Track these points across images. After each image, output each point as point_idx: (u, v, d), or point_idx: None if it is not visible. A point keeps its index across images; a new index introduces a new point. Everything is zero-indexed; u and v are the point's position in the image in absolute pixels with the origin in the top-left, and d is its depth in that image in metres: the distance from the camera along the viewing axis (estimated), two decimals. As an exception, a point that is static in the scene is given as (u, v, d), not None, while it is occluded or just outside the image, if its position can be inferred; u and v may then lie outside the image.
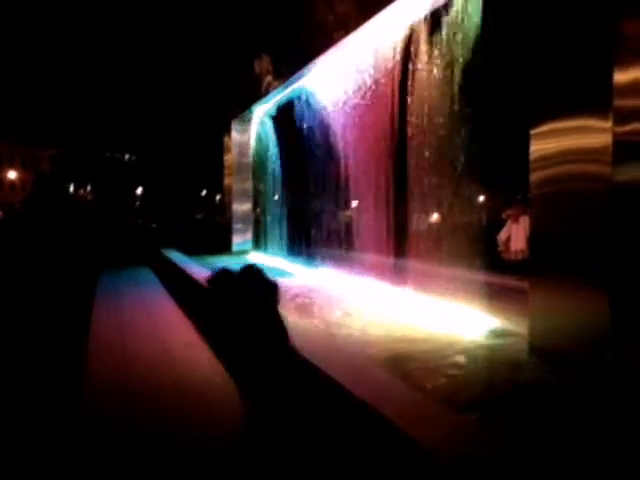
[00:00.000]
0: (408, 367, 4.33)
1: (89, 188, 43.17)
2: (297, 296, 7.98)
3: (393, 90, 8.02)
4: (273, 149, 14.99)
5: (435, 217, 7.63)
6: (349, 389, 3.21)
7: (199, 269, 9.44)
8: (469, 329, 5.61)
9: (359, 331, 5.90)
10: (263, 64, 12.78)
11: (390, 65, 8.06)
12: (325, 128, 10.49)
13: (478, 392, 3.83)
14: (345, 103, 9.47)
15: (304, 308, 7.22)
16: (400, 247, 8.22)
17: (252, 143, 15.77)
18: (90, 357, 6.09)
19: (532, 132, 4.55)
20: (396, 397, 3.18)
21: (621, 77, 3.86)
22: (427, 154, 7.24)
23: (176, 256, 13.28)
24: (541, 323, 4.59)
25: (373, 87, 8.54)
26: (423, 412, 2.93)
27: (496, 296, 6.49)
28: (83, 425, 4.34)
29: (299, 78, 11.32)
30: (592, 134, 4.03)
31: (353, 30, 8.15)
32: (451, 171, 6.71)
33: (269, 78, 12.44)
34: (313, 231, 13.33)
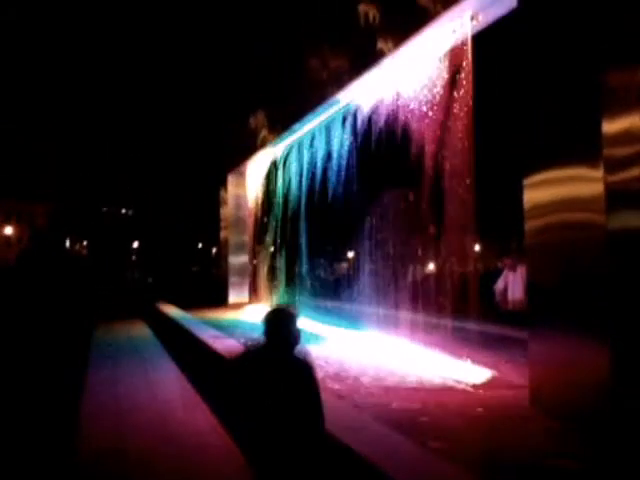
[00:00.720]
0: (410, 423, 4.20)
1: (85, 243, 43.22)
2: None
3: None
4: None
5: (431, 268, 7.63)
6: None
7: (197, 326, 9.35)
8: (469, 380, 5.50)
9: (354, 382, 5.77)
10: (258, 119, 13.04)
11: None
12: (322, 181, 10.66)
13: (481, 448, 3.71)
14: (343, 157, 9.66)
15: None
16: (394, 298, 8.17)
17: (249, 196, 15.85)
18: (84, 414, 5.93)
19: (525, 182, 4.59)
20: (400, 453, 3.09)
21: (610, 127, 3.93)
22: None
23: (172, 311, 13.18)
24: (541, 374, 4.50)
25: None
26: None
27: (495, 347, 6.42)
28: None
29: (294, 132, 11.54)
30: (584, 183, 4.07)
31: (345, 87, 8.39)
32: (449, 223, 6.75)
33: (264, 132, 12.67)
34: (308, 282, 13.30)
